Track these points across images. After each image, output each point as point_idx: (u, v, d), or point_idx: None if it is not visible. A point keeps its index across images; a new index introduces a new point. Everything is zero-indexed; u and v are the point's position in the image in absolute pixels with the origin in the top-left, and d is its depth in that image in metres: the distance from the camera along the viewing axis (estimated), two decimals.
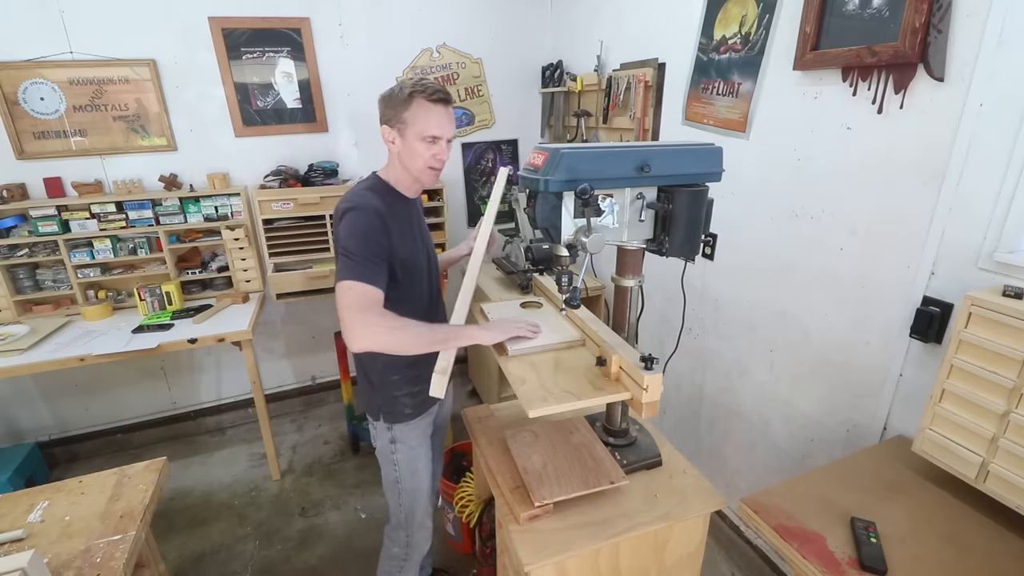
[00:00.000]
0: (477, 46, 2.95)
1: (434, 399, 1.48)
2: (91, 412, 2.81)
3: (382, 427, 1.45)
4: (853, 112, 1.39)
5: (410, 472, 1.48)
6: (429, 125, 1.26)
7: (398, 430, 1.44)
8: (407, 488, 1.49)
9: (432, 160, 1.29)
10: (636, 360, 1.07)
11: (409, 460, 1.47)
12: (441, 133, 1.28)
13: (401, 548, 1.57)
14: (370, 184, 1.34)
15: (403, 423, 1.44)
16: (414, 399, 1.44)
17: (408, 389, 1.43)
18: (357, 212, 1.23)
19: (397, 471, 1.47)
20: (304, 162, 2.74)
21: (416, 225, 1.41)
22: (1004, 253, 1.11)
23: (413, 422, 1.45)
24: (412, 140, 1.27)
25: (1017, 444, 0.96)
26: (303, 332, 3.08)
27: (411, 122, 1.25)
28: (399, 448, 1.46)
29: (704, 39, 1.85)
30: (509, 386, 1.14)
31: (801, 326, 1.65)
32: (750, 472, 1.96)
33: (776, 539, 1.02)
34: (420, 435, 1.48)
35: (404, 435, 1.45)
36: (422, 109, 1.25)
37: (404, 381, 1.42)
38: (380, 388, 1.42)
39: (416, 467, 1.48)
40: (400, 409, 1.43)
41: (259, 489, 2.55)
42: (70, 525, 1.18)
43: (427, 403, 1.47)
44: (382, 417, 1.44)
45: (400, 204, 1.35)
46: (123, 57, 2.35)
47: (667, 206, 1.10)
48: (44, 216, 2.33)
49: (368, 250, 1.19)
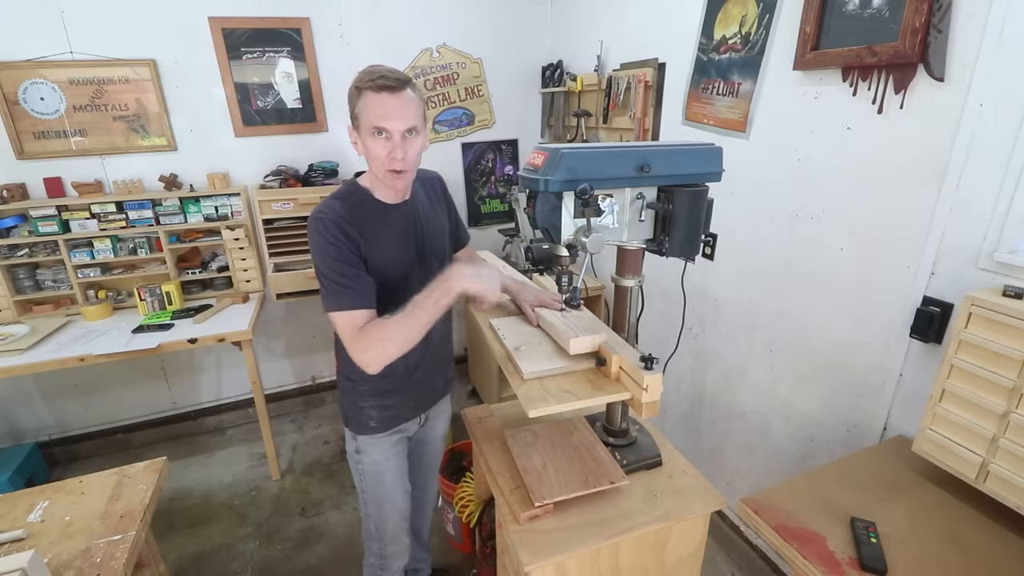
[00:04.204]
0: (477, 46, 2.95)
1: (410, 415, 1.41)
2: (91, 412, 2.81)
3: (348, 433, 1.41)
4: (853, 112, 1.39)
5: (375, 483, 1.42)
6: (372, 116, 1.11)
7: (362, 441, 1.38)
8: (372, 498, 1.43)
9: (387, 160, 1.14)
10: (636, 360, 1.07)
11: (374, 473, 1.41)
12: (386, 124, 1.11)
13: (377, 558, 1.52)
14: (342, 190, 1.25)
15: (367, 435, 1.38)
16: (381, 412, 1.36)
17: (375, 401, 1.35)
18: (316, 225, 1.15)
19: (362, 479, 1.42)
20: (304, 162, 2.74)
21: (402, 233, 1.26)
22: (1004, 253, 1.11)
23: (379, 436, 1.38)
24: (365, 137, 1.14)
25: (1017, 444, 0.96)
26: (303, 332, 3.08)
27: (362, 117, 1.13)
28: (363, 460, 1.40)
29: (704, 39, 1.85)
30: (509, 386, 1.14)
31: (801, 326, 1.65)
32: (750, 472, 1.96)
33: (776, 539, 1.02)
34: (387, 450, 1.41)
35: (368, 447, 1.39)
36: (370, 100, 1.11)
37: (370, 392, 1.34)
38: (347, 393, 1.37)
39: (382, 479, 1.42)
40: (364, 420, 1.36)
41: (259, 489, 2.55)
42: (70, 525, 1.18)
43: (397, 419, 1.39)
44: (348, 425, 1.39)
45: (375, 211, 1.23)
46: (123, 57, 2.36)
47: (667, 206, 1.09)
48: (44, 216, 2.33)
49: (335, 269, 1.13)
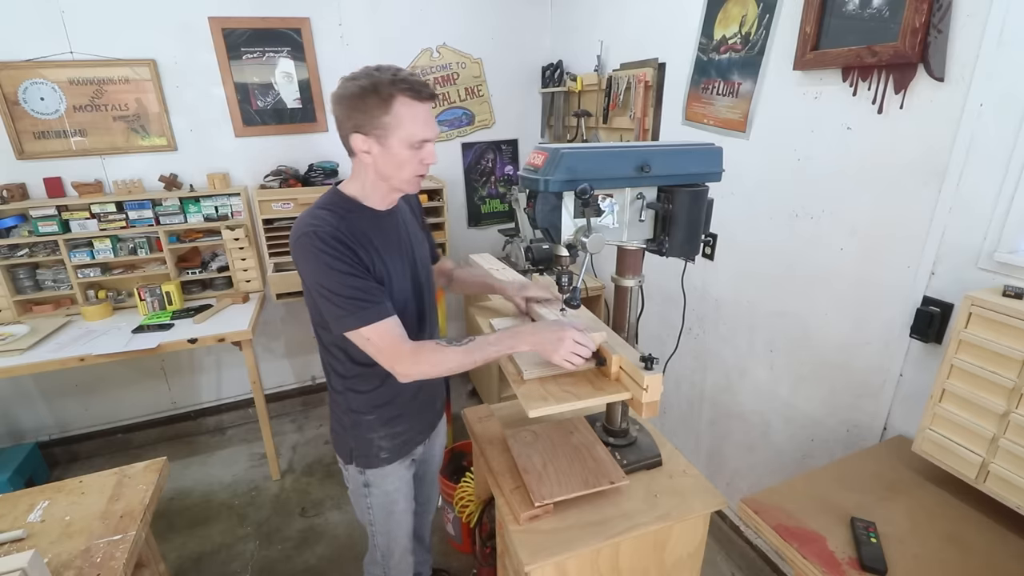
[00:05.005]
0: (477, 46, 2.95)
1: (418, 439, 1.35)
2: (91, 412, 2.81)
3: (353, 470, 1.29)
4: (853, 112, 1.39)
5: (385, 515, 1.34)
6: (419, 128, 1.06)
7: (372, 475, 1.29)
8: (381, 531, 1.36)
9: (421, 167, 1.11)
10: (636, 360, 1.07)
11: (384, 505, 1.32)
12: (432, 135, 1.09)
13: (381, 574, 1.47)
14: (327, 200, 1.14)
15: (378, 468, 1.28)
16: (392, 441, 1.27)
17: (386, 430, 1.26)
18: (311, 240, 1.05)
19: (371, 513, 1.33)
20: (304, 162, 2.74)
21: (397, 241, 1.20)
22: (1004, 253, 1.11)
23: (390, 467, 1.29)
24: (397, 148, 1.06)
25: (1017, 444, 0.96)
26: (303, 332, 3.08)
27: (394, 127, 1.04)
28: (372, 492, 1.30)
29: (704, 39, 1.85)
30: (509, 386, 1.14)
31: (801, 326, 1.65)
32: (750, 472, 1.96)
33: (776, 539, 1.02)
34: (398, 479, 1.32)
35: (378, 480, 1.29)
36: (408, 110, 1.04)
37: (379, 421, 1.25)
38: (352, 429, 1.26)
39: (393, 510, 1.33)
40: (375, 452, 1.27)
41: (259, 489, 2.55)
42: (70, 525, 1.18)
43: (408, 444, 1.32)
44: (354, 461, 1.28)
45: (368, 221, 1.15)
46: (123, 57, 2.36)
47: (667, 206, 1.09)
48: (44, 216, 2.33)
49: (348, 283, 1.05)
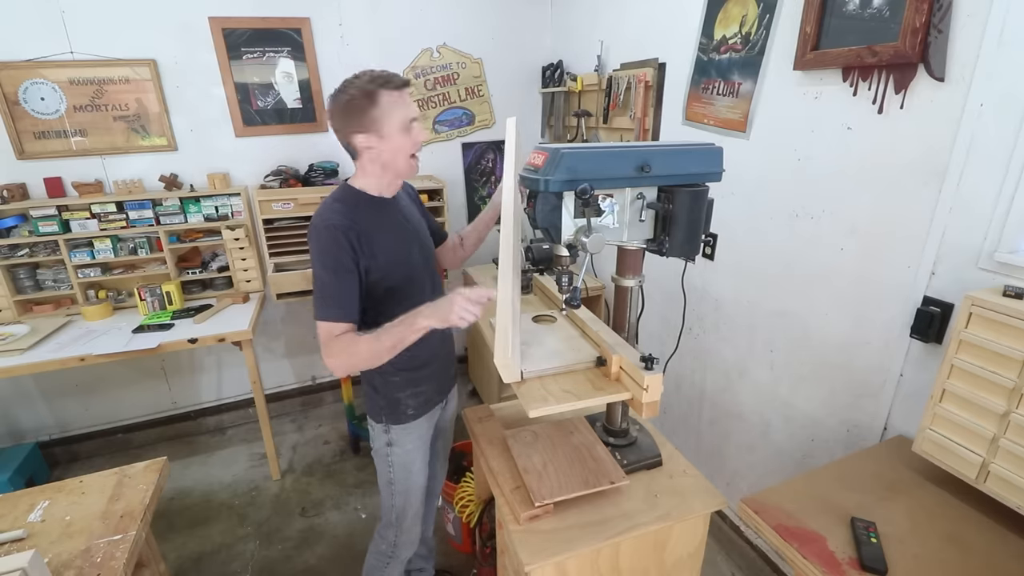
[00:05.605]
0: (477, 46, 2.95)
1: (437, 399, 1.56)
2: (91, 412, 2.81)
3: (380, 429, 1.47)
4: (853, 112, 1.39)
5: (405, 473, 1.49)
6: (405, 110, 1.23)
7: (396, 432, 1.45)
8: (400, 489, 1.51)
9: (413, 146, 1.28)
10: (636, 360, 1.07)
11: (404, 462, 1.48)
12: (416, 113, 1.27)
13: (389, 546, 1.59)
14: (340, 193, 1.32)
15: (402, 424, 1.45)
16: (416, 399, 1.45)
17: (411, 389, 1.44)
18: (327, 232, 1.22)
19: (392, 471, 1.49)
20: (304, 162, 2.74)
21: (400, 224, 1.37)
22: (1004, 253, 1.11)
23: (412, 424, 1.47)
24: (394, 135, 1.24)
25: (1017, 444, 0.96)
26: (303, 332, 3.08)
27: (386, 118, 1.22)
28: (395, 451, 1.47)
29: (704, 39, 1.85)
30: (509, 386, 1.14)
31: (801, 326, 1.65)
32: (750, 472, 1.96)
33: (776, 539, 1.02)
34: (417, 439, 1.50)
35: (401, 438, 1.46)
36: (390, 99, 1.22)
37: (406, 381, 1.43)
38: (383, 390, 1.43)
39: (412, 468, 1.50)
40: (403, 410, 1.44)
41: (259, 489, 2.55)
42: (70, 525, 1.18)
43: (430, 403, 1.50)
44: (384, 418, 1.45)
45: (375, 209, 1.32)
46: (123, 57, 2.36)
47: (667, 206, 1.09)
48: (44, 216, 2.33)
49: (330, 280, 1.22)
